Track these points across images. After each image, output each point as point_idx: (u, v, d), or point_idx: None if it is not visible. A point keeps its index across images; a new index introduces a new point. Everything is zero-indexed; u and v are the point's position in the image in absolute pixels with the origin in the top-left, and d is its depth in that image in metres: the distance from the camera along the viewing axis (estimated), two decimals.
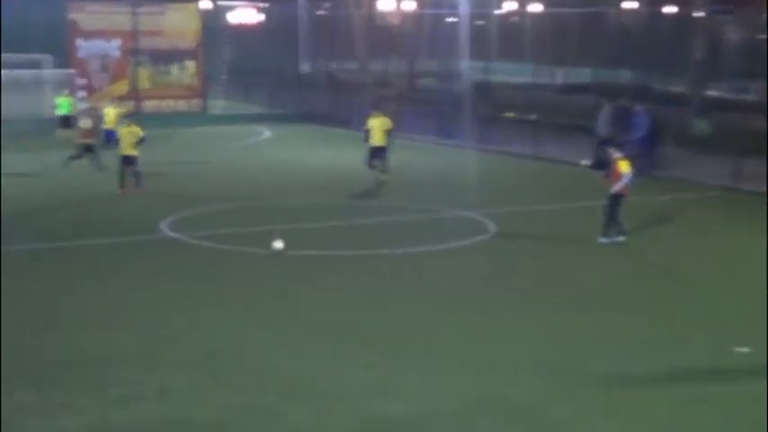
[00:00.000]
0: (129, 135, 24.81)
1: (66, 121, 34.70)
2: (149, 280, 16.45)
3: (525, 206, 23.31)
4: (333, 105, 42.72)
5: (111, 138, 28.85)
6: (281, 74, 48.71)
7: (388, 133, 25.86)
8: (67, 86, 38.75)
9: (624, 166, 19.06)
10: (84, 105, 37.71)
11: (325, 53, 47.41)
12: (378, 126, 25.85)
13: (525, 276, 16.91)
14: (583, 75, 57.17)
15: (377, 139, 25.80)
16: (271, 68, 48.13)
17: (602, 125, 29.33)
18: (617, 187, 19.06)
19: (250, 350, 12.77)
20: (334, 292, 15.85)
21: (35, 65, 40.80)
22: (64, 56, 40.50)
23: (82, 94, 38.54)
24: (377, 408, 10.78)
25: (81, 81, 38.67)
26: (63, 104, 35.48)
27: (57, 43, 41.70)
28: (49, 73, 39.33)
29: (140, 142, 24.77)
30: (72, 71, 39.21)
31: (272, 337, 13.39)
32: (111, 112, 31.13)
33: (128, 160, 24.75)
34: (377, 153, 25.90)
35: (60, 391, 11.24)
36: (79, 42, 40.30)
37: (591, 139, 28.85)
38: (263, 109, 44.81)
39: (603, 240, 19.15)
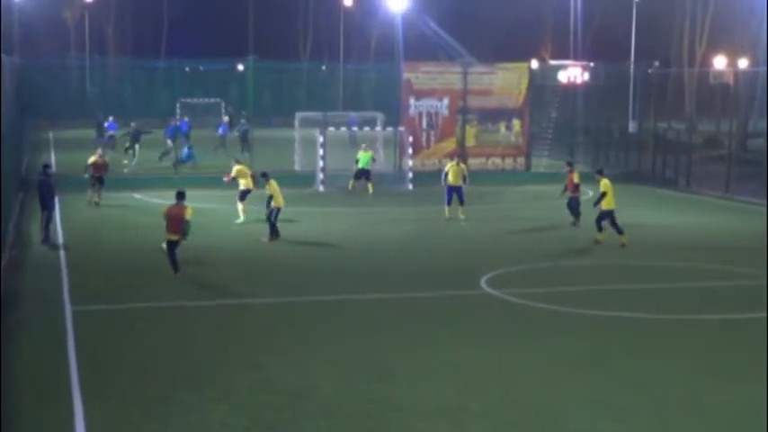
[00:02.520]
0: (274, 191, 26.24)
1: (364, 175, 36.20)
2: (465, 336, 16.55)
3: None
4: (659, 165, 41.57)
5: (451, 193, 29.93)
6: (607, 133, 47.96)
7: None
8: (397, 142, 40.46)
9: None
10: (410, 162, 39.00)
11: (652, 112, 46.16)
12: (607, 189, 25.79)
13: None
14: None
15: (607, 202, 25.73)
16: (596, 127, 47.51)
17: None
18: None
19: (569, 413, 12.47)
20: (665, 357, 15.20)
21: (371, 122, 42.82)
22: (394, 114, 42.18)
23: (409, 150, 39.70)
24: None
25: (409, 138, 39.87)
26: (363, 159, 36.84)
27: (389, 101, 43.59)
28: (378, 129, 41.39)
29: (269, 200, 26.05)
30: (401, 128, 40.66)
31: (594, 399, 13.02)
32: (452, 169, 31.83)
33: (277, 211, 26.00)
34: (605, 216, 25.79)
35: None
36: (411, 101, 41.67)
37: None
38: (588, 168, 44.23)
39: None
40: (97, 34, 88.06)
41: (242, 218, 29.10)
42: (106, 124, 51.43)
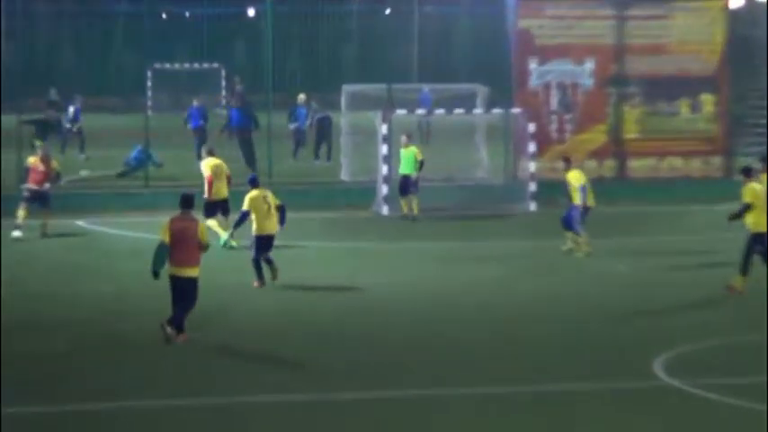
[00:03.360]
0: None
1: (408, 186, 35.85)
2: None
3: None
4: None
5: (572, 218, 30.30)
6: None
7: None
8: (509, 133, 40.28)
9: None
10: (532, 166, 38.63)
11: None
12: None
13: None
14: None
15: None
16: None
17: None
18: None
19: None
20: None
21: (466, 100, 42.62)
22: (503, 86, 42.21)
23: (531, 146, 39.46)
24: None
25: (529, 126, 39.44)
26: (404, 160, 36.58)
27: (494, 66, 43.28)
28: (479, 114, 41.17)
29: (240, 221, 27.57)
30: (516, 110, 40.41)
31: None
32: (573, 178, 31.54)
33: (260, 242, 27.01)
34: None
35: None
36: (532, 65, 41.64)
37: None
38: None
39: None
40: None
41: (224, 236, 30.69)
42: (72, 109, 50.97)
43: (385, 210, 37.77)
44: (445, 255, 31.42)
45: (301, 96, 50.82)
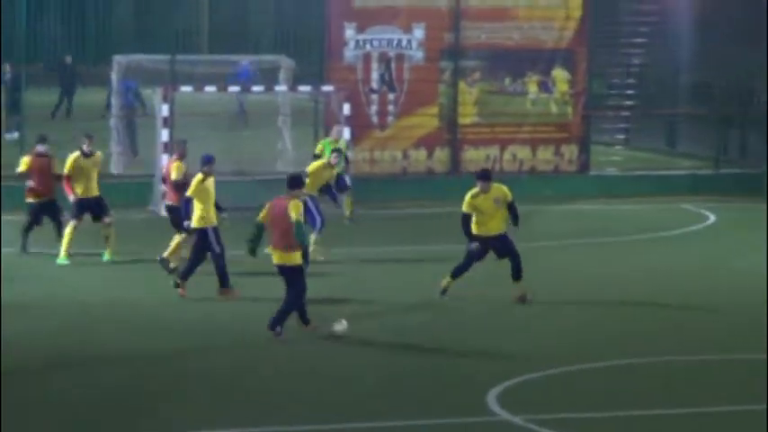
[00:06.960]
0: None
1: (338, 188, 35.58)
2: None
3: None
4: None
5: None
6: (746, 95, 48.24)
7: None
8: (319, 116, 40.51)
9: None
10: (347, 156, 38.81)
11: None
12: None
13: None
14: None
15: None
16: (723, 84, 47.72)
17: None
18: None
19: None
20: None
21: (267, 75, 42.80)
22: (314, 59, 42.39)
23: (344, 131, 38.93)
24: None
25: (344, 107, 39.60)
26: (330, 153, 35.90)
27: (301, 34, 43.41)
28: (283, 93, 41.26)
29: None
30: (329, 89, 40.73)
31: None
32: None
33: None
34: None
35: None
36: (348, 33, 41.90)
37: None
38: (706, 166, 44.38)
39: None
40: None
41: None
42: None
43: (164, 210, 37.69)
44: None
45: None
